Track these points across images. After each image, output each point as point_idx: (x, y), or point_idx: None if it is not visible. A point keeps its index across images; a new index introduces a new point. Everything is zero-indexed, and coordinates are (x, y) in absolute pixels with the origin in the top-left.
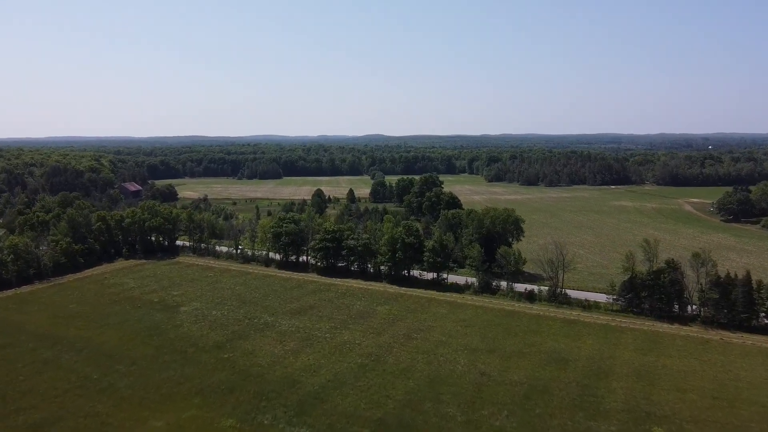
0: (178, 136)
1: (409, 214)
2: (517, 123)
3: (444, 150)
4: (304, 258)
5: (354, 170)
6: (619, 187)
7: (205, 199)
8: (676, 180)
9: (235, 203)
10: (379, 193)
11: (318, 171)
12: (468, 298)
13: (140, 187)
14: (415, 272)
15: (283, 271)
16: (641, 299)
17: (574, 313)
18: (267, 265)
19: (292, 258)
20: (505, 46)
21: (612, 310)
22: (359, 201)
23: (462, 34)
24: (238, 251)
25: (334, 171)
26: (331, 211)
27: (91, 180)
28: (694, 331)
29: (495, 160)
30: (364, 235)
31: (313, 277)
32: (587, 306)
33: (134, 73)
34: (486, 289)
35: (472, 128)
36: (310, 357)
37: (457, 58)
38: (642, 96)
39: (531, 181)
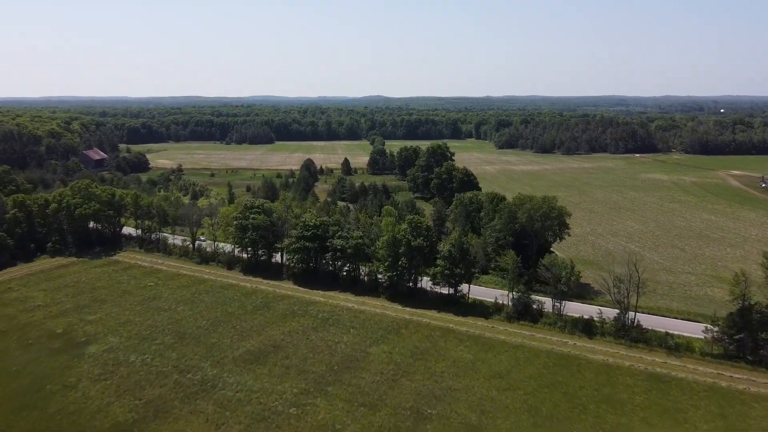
0: (175, 97)
1: (413, 191)
2: (520, 85)
3: (449, 113)
4: (279, 257)
5: (352, 134)
6: (644, 155)
7: (178, 170)
8: (706, 148)
9: (213, 174)
10: (378, 163)
11: (313, 135)
12: (500, 330)
13: (105, 155)
14: (424, 281)
15: (249, 278)
16: (758, 343)
17: (658, 360)
18: (230, 268)
19: (263, 257)
20: (508, 2)
21: (711, 355)
22: (355, 172)
23: None
24: (195, 246)
25: (330, 135)
26: (322, 186)
27: (50, 147)
28: None
29: (505, 124)
30: (356, 233)
31: (287, 288)
32: (674, 347)
33: (131, 29)
34: (524, 313)
35: (475, 90)
36: None
37: (461, 15)
38: (645, 57)
39: (546, 149)
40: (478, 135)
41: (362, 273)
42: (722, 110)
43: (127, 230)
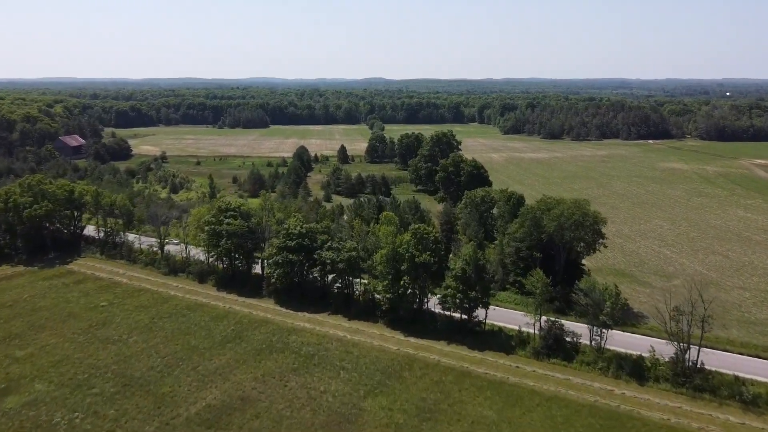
0: (173, 78)
1: (415, 183)
2: (521, 67)
3: (450, 96)
4: (260, 268)
5: (351, 118)
6: (657, 141)
7: (162, 158)
8: (722, 134)
9: (198, 162)
10: (377, 150)
11: (310, 119)
12: (527, 371)
13: (83, 141)
14: (431, 300)
15: (223, 295)
16: None
17: (734, 419)
18: (202, 280)
19: (240, 268)
20: None
21: None
22: (352, 161)
23: None
24: (164, 253)
25: (328, 119)
26: (316, 177)
27: (25, 133)
28: None
29: (510, 108)
30: (349, 243)
31: (266, 308)
32: (750, 400)
33: (133, 8)
34: (555, 348)
35: (476, 72)
36: None
37: None
38: (646, 39)
39: (555, 134)
40: (481, 119)
41: (356, 290)
42: (728, 93)
43: (92, 230)
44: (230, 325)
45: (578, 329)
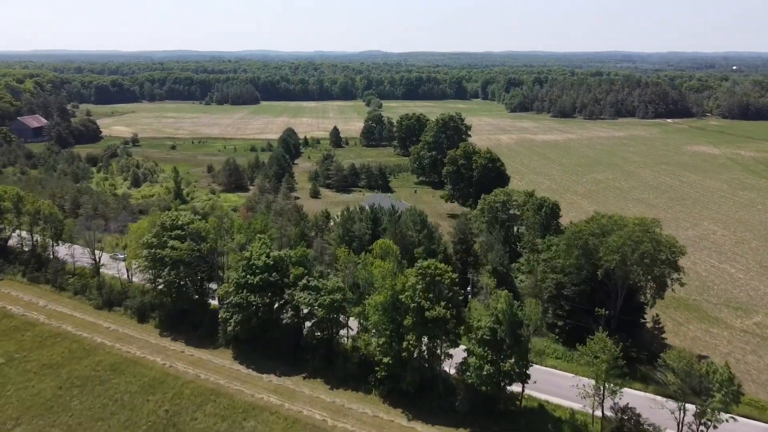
0: (167, 51)
1: (417, 173)
2: (521, 40)
3: (452, 70)
4: (218, 301)
5: (346, 94)
6: (677, 121)
7: (134, 141)
8: (746, 112)
9: (174, 146)
10: (373, 132)
11: (304, 95)
12: None
13: (46, 122)
14: (446, 361)
15: (166, 343)
16: None
17: None
18: (142, 319)
19: (195, 298)
20: None
21: None
22: (346, 144)
23: None
24: (98, 279)
25: (322, 95)
26: (304, 164)
27: None
28: None
29: (515, 83)
30: (333, 280)
31: (219, 369)
32: None
33: None
34: None
35: (476, 45)
36: None
37: None
38: (645, 10)
39: (566, 113)
40: (485, 95)
41: (343, 342)
42: (734, 67)
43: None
44: (165, 402)
45: (653, 402)
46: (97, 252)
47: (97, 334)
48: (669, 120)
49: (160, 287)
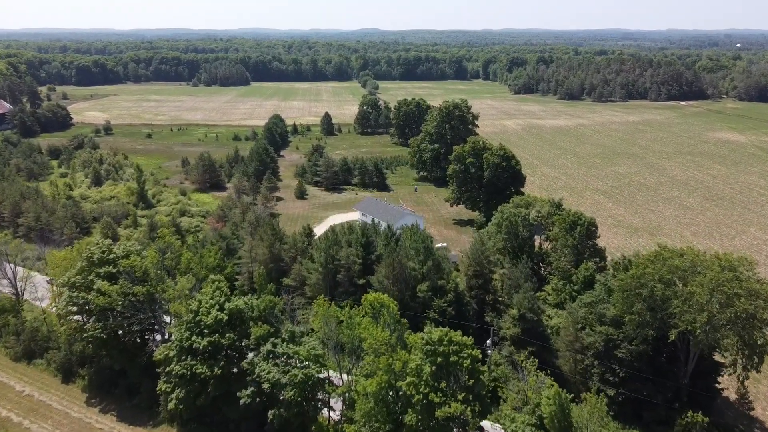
0: (161, 29)
1: (418, 169)
2: (519, 17)
3: (451, 49)
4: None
5: (341, 74)
6: (691, 103)
7: (106, 129)
8: (764, 94)
9: (150, 135)
10: (369, 119)
11: (297, 75)
12: None
13: (9, 107)
14: None
15: (92, 416)
16: None
17: None
18: (66, 379)
19: (132, 353)
20: None
21: None
22: (339, 131)
23: None
24: (18, 319)
25: (316, 75)
26: (291, 157)
27: None
28: None
29: (518, 63)
30: (305, 347)
31: None
32: None
33: None
34: None
35: (474, 23)
36: None
37: None
38: None
39: (574, 95)
40: (486, 75)
41: (326, 423)
42: (738, 45)
43: None
44: None
45: None
46: (22, 275)
47: (5, 402)
48: (683, 102)
49: (84, 341)
